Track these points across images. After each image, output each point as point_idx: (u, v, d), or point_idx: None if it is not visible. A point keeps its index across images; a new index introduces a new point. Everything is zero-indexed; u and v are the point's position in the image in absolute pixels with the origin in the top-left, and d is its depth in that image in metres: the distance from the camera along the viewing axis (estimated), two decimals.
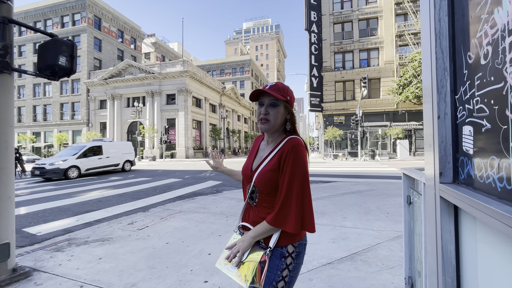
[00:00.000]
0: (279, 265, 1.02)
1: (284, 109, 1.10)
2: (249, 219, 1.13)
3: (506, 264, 0.61)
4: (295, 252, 1.05)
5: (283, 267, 1.02)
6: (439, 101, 0.87)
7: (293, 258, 1.04)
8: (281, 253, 1.03)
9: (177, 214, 4.70)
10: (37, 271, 2.58)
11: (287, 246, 1.04)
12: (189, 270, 2.54)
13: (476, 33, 0.69)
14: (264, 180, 1.05)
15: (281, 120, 1.10)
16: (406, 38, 24.83)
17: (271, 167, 1.04)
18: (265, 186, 1.05)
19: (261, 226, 1.04)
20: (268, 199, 1.07)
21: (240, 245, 1.05)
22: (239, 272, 1.03)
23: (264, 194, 1.07)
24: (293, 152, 1.00)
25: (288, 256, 1.03)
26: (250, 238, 1.05)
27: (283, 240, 1.04)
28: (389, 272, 2.39)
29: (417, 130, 24.39)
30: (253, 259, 1.02)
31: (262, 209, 1.09)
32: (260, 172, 1.07)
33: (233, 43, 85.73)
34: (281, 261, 1.02)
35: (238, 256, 1.04)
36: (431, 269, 0.96)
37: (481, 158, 0.68)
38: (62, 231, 4.04)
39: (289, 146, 1.02)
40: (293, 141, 1.03)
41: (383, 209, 4.74)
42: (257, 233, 1.04)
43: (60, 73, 2.57)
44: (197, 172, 13.62)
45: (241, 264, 1.04)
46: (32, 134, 37.73)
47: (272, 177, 1.04)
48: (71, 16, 35.81)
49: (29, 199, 6.79)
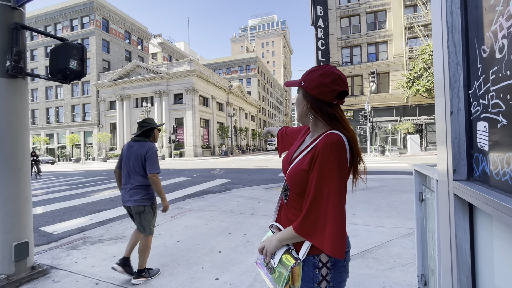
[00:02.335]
0: (314, 277, 0.90)
1: (302, 97, 0.96)
2: (280, 218, 1.06)
3: None
4: (331, 262, 0.90)
5: (319, 280, 0.89)
6: (452, 96, 0.85)
7: (328, 268, 0.90)
8: (313, 263, 0.90)
9: (187, 213, 4.76)
10: (54, 269, 2.67)
11: (319, 255, 0.90)
12: (200, 268, 2.58)
13: (491, 26, 0.67)
14: (294, 179, 0.94)
15: (300, 111, 0.99)
16: (415, 30, 24.19)
17: (303, 166, 0.91)
18: (294, 186, 0.94)
19: (287, 231, 0.93)
20: (298, 199, 0.96)
21: (268, 246, 0.98)
22: (272, 277, 0.98)
23: (294, 194, 0.96)
24: (324, 151, 0.85)
25: (322, 267, 0.90)
26: (276, 241, 0.95)
27: (315, 249, 0.90)
28: (401, 270, 2.36)
29: (428, 125, 23.82)
30: (284, 267, 0.93)
31: (291, 209, 0.99)
32: (292, 169, 0.96)
33: (238, 40, 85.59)
34: (315, 273, 0.90)
35: (268, 256, 0.98)
36: (445, 267, 0.94)
37: (497, 155, 0.66)
38: (77, 230, 4.16)
39: (322, 143, 0.86)
40: (329, 137, 0.87)
41: (394, 206, 4.67)
42: (283, 237, 0.94)
43: (72, 76, 2.63)
44: (205, 170, 13.74)
45: (273, 270, 0.97)
46: (45, 135, 38.85)
47: (303, 177, 0.91)
48: (80, 19, 36.53)
49: (45, 199, 7.01)
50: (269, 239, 0.99)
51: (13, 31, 2.42)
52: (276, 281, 0.95)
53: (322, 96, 0.91)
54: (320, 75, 0.91)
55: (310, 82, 0.92)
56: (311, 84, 0.92)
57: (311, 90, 0.92)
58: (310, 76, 0.93)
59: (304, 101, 0.96)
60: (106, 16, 37.06)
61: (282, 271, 0.93)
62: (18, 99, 2.48)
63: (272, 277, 0.97)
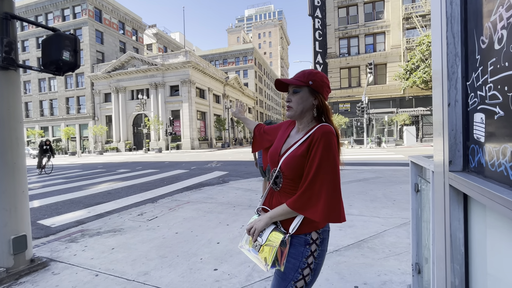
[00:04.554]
0: (304, 252, 1.02)
1: (309, 95, 1.07)
2: (271, 204, 1.14)
3: None
4: (320, 239, 1.04)
5: (308, 254, 1.02)
6: (450, 88, 0.85)
7: (317, 244, 1.03)
8: (305, 240, 1.03)
9: (185, 205, 4.79)
10: (53, 261, 2.69)
11: (311, 233, 1.03)
12: (199, 259, 2.61)
13: (490, 16, 0.66)
14: (290, 164, 1.04)
15: (304, 107, 1.08)
16: (413, 21, 23.98)
17: (300, 153, 1.03)
18: (291, 171, 1.05)
19: (280, 208, 1.04)
20: (292, 184, 1.06)
21: (257, 224, 1.07)
22: (259, 256, 1.05)
23: (289, 179, 1.07)
24: (323, 139, 0.98)
25: (312, 243, 1.03)
26: (267, 218, 1.06)
27: (306, 227, 1.03)
28: (396, 259, 2.42)
29: (425, 116, 23.94)
30: (273, 243, 1.02)
31: (284, 194, 1.08)
32: (288, 157, 1.06)
33: (235, 31, 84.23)
34: (305, 248, 1.02)
35: (255, 234, 1.06)
36: (439, 256, 0.96)
37: (493, 146, 0.67)
38: (75, 223, 4.17)
39: (319, 133, 1.00)
40: (324, 128, 1.01)
41: (390, 197, 4.74)
42: (275, 214, 1.05)
43: (65, 68, 2.57)
44: (203, 163, 13.75)
45: (261, 247, 1.04)
46: (40, 128, 38.35)
47: (300, 162, 1.02)
48: (72, 9, 35.52)
49: (42, 193, 6.99)
50: (258, 219, 1.09)
51: (2, 21, 2.35)
52: (264, 258, 1.03)
53: (326, 94, 1.09)
54: (324, 77, 1.08)
55: (318, 83, 1.06)
56: (320, 84, 1.06)
57: (320, 89, 1.07)
58: (316, 78, 1.06)
59: (312, 98, 1.08)
60: (99, 6, 36.08)
61: (270, 247, 1.02)
62: (10, 91, 2.43)
63: (260, 256, 1.05)
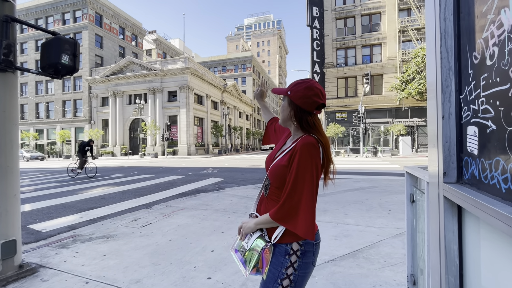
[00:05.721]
0: (283, 262, 1.02)
1: (287, 105, 1.10)
2: (260, 210, 1.18)
3: (510, 265, 0.62)
4: (301, 250, 1.03)
5: (287, 265, 1.02)
6: (444, 100, 0.87)
7: (298, 256, 1.03)
8: (285, 250, 1.03)
9: (180, 211, 4.73)
10: (43, 267, 2.62)
11: (291, 244, 1.03)
12: (193, 267, 2.56)
13: (482, 33, 0.68)
14: (275, 173, 1.07)
15: (284, 116, 1.12)
16: (409, 34, 24.56)
17: (283, 163, 1.05)
18: (275, 180, 1.08)
19: (264, 217, 1.07)
20: (277, 192, 1.08)
21: (245, 226, 1.12)
22: (243, 260, 1.09)
23: (274, 187, 1.09)
24: (300, 151, 0.99)
25: (292, 254, 1.02)
26: (253, 224, 1.09)
27: (288, 237, 1.03)
28: (391, 269, 2.40)
29: (420, 127, 24.24)
30: (255, 249, 1.05)
31: (271, 201, 1.11)
32: (274, 165, 1.09)
33: (234, 39, 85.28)
34: (285, 258, 1.02)
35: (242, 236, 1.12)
36: (434, 267, 0.96)
37: (486, 159, 0.68)
38: (66, 228, 4.09)
39: (299, 144, 1.01)
40: (305, 139, 1.02)
41: (385, 206, 4.74)
42: (259, 221, 1.08)
43: (63, 72, 2.57)
44: (199, 169, 13.67)
45: (246, 252, 1.08)
46: (35, 131, 37.95)
47: (283, 171, 1.04)
48: (72, 13, 35.77)
49: (34, 196, 6.86)
50: (247, 221, 1.14)
51: (2, 24, 2.35)
52: (246, 263, 1.08)
53: (304, 106, 1.05)
54: (305, 88, 1.05)
55: (296, 93, 1.06)
56: (297, 95, 1.06)
57: (296, 99, 1.06)
58: (296, 88, 1.06)
59: (289, 108, 1.09)
60: (100, 11, 36.39)
61: (253, 253, 1.05)
62: (7, 93, 2.41)
63: (243, 259, 1.09)
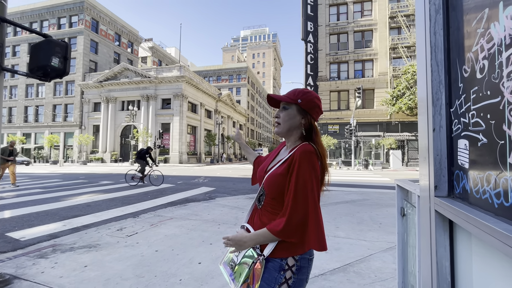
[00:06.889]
0: (277, 278, 0.95)
1: (297, 113, 1.07)
2: (253, 221, 1.12)
3: (502, 281, 0.59)
4: (296, 266, 0.97)
5: (281, 281, 0.95)
6: (434, 113, 0.87)
7: (293, 272, 0.96)
8: (280, 265, 0.96)
9: (168, 221, 4.60)
10: (17, 279, 2.47)
11: (287, 259, 0.97)
12: (178, 280, 2.46)
13: (472, 47, 0.69)
14: (271, 183, 1.03)
15: (291, 124, 1.07)
16: (399, 51, 25.44)
17: (280, 171, 1.01)
18: (271, 190, 1.03)
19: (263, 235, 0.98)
20: (273, 203, 1.03)
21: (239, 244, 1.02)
22: (232, 274, 1.03)
23: (270, 198, 1.04)
24: (301, 158, 0.96)
25: (287, 270, 0.96)
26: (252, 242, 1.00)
27: (283, 252, 0.97)
28: (382, 285, 2.36)
29: (410, 141, 24.74)
30: (247, 262, 0.98)
31: (265, 213, 1.05)
32: (270, 175, 1.05)
33: (230, 50, 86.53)
34: (279, 274, 0.96)
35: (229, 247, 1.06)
36: (426, 284, 0.93)
37: (477, 173, 0.67)
38: (47, 237, 3.90)
39: (299, 152, 0.98)
40: (304, 147, 0.99)
41: (376, 220, 4.73)
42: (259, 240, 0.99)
43: (52, 74, 2.52)
44: (190, 178, 13.47)
45: (236, 266, 1.02)
46: (22, 135, 36.94)
47: (280, 181, 1.00)
48: (68, 18, 35.73)
49: (15, 202, 6.57)
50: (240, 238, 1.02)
51: None
52: (236, 278, 1.01)
53: (315, 115, 1.08)
54: (315, 98, 1.07)
55: (308, 102, 1.06)
56: (310, 104, 1.06)
57: (309, 109, 1.06)
58: (307, 97, 1.06)
59: (299, 116, 1.07)
60: (96, 17, 36.48)
61: (243, 267, 0.99)
62: None
63: (232, 273, 1.03)
